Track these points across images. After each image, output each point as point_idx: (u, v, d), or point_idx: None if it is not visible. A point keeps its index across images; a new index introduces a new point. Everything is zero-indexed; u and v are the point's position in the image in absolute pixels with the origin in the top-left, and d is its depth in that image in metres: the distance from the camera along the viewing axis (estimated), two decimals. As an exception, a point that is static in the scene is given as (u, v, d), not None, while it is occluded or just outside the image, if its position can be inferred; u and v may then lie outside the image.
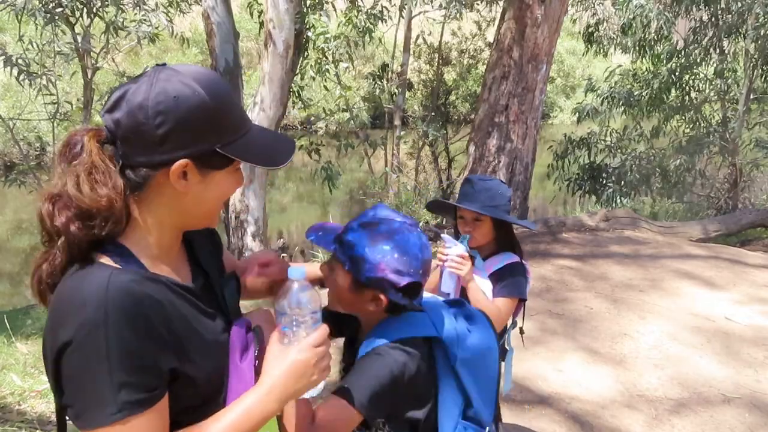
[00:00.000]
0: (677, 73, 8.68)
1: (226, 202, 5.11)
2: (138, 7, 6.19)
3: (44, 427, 2.94)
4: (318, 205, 11.96)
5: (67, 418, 0.92)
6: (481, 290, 1.89)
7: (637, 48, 8.76)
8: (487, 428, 1.33)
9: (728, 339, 3.97)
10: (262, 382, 0.97)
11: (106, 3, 5.64)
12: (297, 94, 7.30)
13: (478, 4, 9.76)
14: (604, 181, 8.80)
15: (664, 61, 8.77)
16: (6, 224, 10.43)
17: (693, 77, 8.91)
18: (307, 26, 6.34)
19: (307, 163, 7.25)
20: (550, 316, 4.29)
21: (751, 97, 8.81)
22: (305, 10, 6.28)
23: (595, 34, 9.32)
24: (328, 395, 1.21)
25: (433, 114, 10.00)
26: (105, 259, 0.92)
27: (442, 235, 1.93)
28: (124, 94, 0.92)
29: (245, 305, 1.23)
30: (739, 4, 8.05)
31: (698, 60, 8.77)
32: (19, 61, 5.51)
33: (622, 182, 8.74)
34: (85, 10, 5.71)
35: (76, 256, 0.91)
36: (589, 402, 3.23)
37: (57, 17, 5.45)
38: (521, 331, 2.18)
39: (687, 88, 8.92)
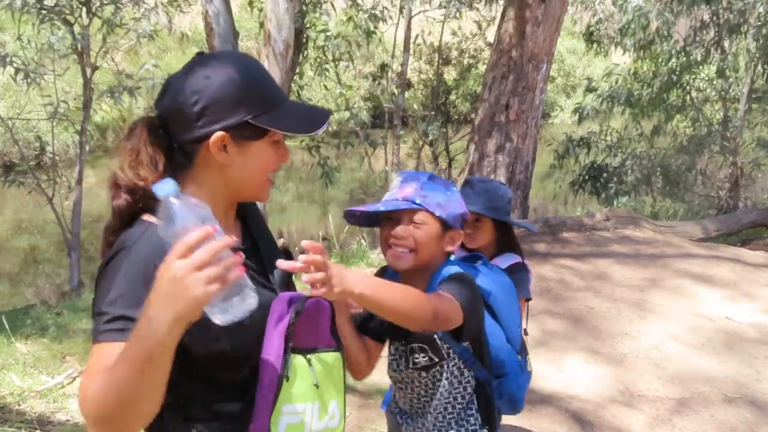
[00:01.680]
0: (678, 73, 8.67)
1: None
2: (137, 6, 6.17)
3: (44, 427, 2.94)
4: (318, 205, 11.95)
5: None
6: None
7: (637, 49, 8.75)
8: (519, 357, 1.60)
9: (729, 338, 3.97)
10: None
11: (105, 1, 5.62)
12: (297, 94, 7.29)
13: (477, 3, 9.73)
14: (605, 181, 8.79)
15: (664, 62, 8.76)
16: (5, 224, 10.42)
17: (694, 77, 8.90)
18: (307, 25, 6.33)
19: (306, 163, 7.27)
20: (551, 315, 4.28)
21: (753, 96, 8.80)
22: (305, 9, 6.28)
23: (595, 34, 9.31)
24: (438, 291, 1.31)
25: (433, 113, 9.98)
26: (150, 218, 1.03)
27: None
28: (169, 83, 1.06)
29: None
30: (741, 3, 8.04)
31: (699, 59, 8.76)
32: (18, 61, 5.49)
33: (623, 182, 8.73)
34: (84, 9, 5.69)
35: (125, 219, 1.04)
36: (589, 401, 3.22)
37: (55, 16, 5.43)
38: (525, 333, 2.17)
39: (688, 87, 8.91)
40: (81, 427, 2.98)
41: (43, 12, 5.32)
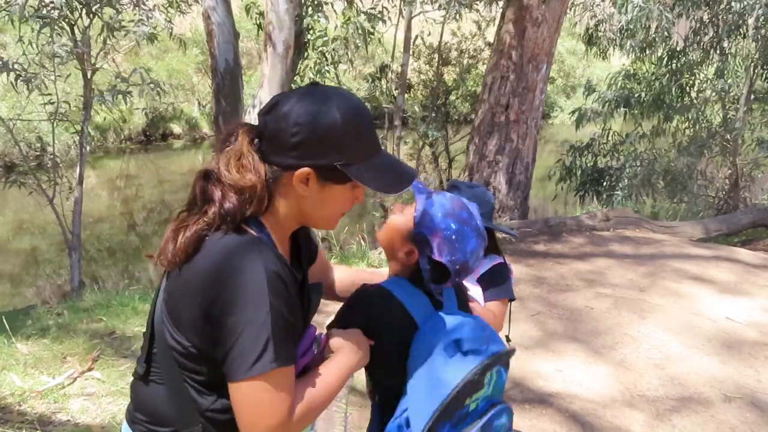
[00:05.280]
0: (677, 74, 8.67)
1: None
2: (137, 7, 6.17)
3: (45, 427, 2.94)
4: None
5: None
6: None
7: (637, 50, 8.75)
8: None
9: (729, 338, 3.97)
10: (343, 350, 1.20)
11: (104, 3, 5.61)
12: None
13: (476, 4, 9.75)
14: (605, 183, 8.80)
15: (664, 63, 8.77)
16: (6, 225, 10.42)
17: (694, 78, 8.91)
18: (307, 27, 6.33)
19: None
20: (550, 316, 4.29)
21: (752, 97, 8.81)
22: (304, 11, 6.27)
23: (594, 36, 9.31)
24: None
25: (433, 114, 9.99)
26: (251, 230, 1.09)
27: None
28: (278, 103, 1.09)
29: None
30: (740, 5, 8.04)
31: (699, 60, 8.77)
32: (16, 66, 5.49)
33: (623, 182, 8.74)
34: (83, 11, 5.68)
35: (233, 223, 1.07)
36: (589, 402, 3.23)
37: (54, 23, 5.41)
38: (507, 339, 2.12)
39: (688, 88, 8.92)
40: (81, 427, 2.99)
41: (44, 21, 5.30)
